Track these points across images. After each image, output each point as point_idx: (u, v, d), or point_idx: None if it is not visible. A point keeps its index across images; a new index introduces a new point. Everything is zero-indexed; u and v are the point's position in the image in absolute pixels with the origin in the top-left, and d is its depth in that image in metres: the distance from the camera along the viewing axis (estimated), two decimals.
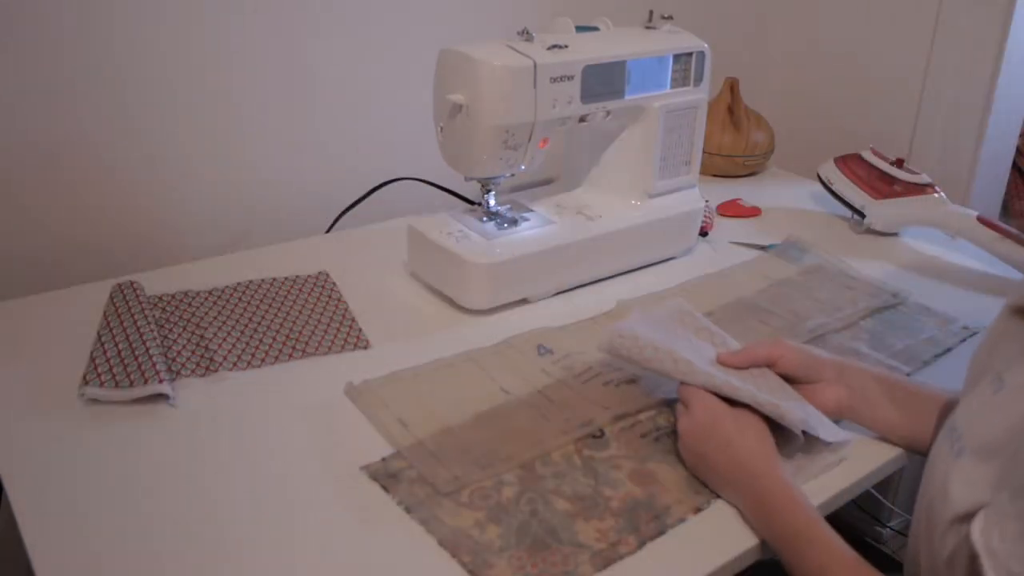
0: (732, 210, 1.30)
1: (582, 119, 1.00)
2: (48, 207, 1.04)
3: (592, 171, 1.12)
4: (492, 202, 1.03)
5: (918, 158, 1.45)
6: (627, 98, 1.02)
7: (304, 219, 1.21)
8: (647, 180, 1.08)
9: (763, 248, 1.18)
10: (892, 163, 1.22)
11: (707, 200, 1.17)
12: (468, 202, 1.21)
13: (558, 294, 1.04)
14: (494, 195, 1.03)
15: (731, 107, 1.44)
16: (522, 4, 1.31)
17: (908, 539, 0.68)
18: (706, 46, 1.07)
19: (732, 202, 1.32)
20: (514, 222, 1.02)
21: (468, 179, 1.01)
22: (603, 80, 0.98)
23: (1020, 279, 1.09)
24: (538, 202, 1.09)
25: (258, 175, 1.19)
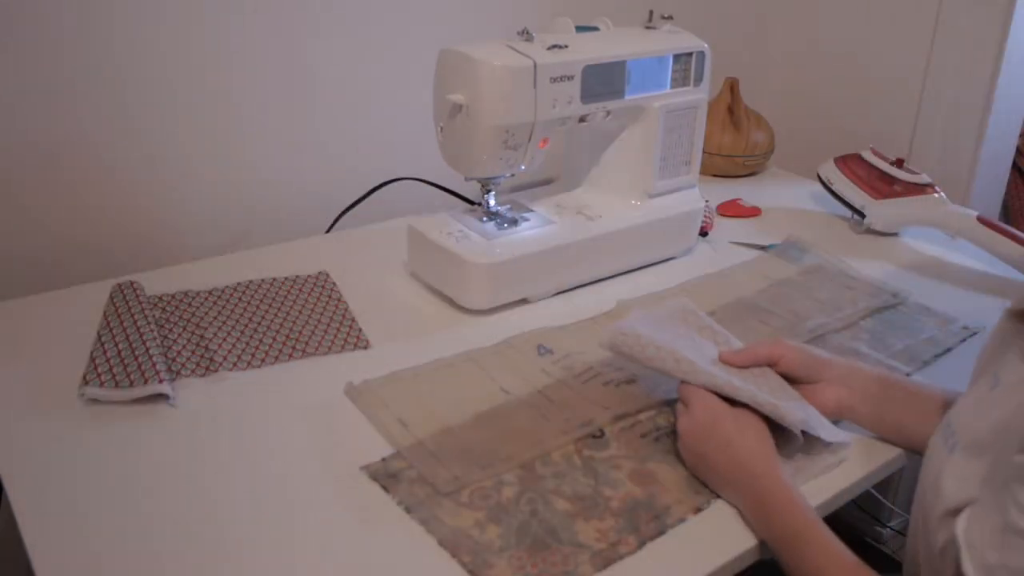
0: (732, 210, 1.30)
1: (582, 119, 1.00)
2: (48, 207, 1.04)
3: (592, 171, 1.12)
4: (492, 202, 1.03)
5: (918, 158, 1.45)
6: (627, 98, 1.02)
7: (304, 219, 1.21)
8: (647, 180, 1.08)
9: (763, 248, 1.18)
10: (892, 163, 1.22)
11: (707, 200, 1.17)
12: (468, 202, 1.21)
13: (558, 294, 1.04)
14: (494, 195, 1.03)
15: (731, 107, 1.44)
16: (522, 4, 1.31)
17: (907, 537, 0.68)
18: (706, 46, 1.07)
19: (732, 202, 1.32)
20: (514, 222, 1.02)
21: (468, 179, 1.01)
22: (603, 80, 0.98)
23: (1021, 280, 1.09)
24: (538, 202, 1.09)
25: (258, 175, 1.19)
